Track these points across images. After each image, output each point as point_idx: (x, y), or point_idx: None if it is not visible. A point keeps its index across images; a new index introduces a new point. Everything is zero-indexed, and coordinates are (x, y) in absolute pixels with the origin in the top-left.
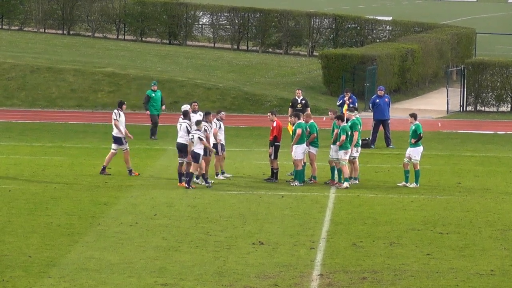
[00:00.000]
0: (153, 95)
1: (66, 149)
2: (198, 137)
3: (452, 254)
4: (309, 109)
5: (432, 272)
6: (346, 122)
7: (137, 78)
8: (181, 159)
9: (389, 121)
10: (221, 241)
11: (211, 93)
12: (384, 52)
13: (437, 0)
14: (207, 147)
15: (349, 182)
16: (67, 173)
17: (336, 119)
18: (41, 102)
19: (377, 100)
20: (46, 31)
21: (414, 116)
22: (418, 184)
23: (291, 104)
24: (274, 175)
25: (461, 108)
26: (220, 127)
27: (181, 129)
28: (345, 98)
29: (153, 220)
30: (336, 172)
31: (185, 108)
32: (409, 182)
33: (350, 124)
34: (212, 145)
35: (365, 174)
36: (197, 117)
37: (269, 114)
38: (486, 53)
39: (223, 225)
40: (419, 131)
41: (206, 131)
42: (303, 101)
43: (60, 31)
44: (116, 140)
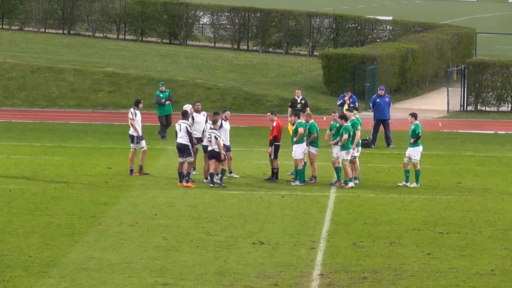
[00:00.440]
0: (161, 95)
1: (66, 149)
2: (215, 136)
3: (453, 254)
4: (308, 108)
5: (432, 272)
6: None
7: (137, 78)
8: (181, 159)
9: (389, 121)
10: (221, 241)
11: (211, 93)
12: (385, 52)
13: (438, 0)
14: (220, 148)
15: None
16: (67, 173)
17: (339, 118)
18: (41, 102)
19: (378, 100)
20: (47, 31)
21: (414, 115)
22: (418, 184)
23: (290, 104)
24: (274, 175)
25: (462, 108)
26: (221, 126)
27: (180, 130)
28: (346, 98)
29: (154, 220)
30: (339, 171)
31: (186, 108)
32: (409, 182)
33: (350, 124)
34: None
35: (365, 174)
36: (200, 117)
37: (269, 114)
38: (486, 53)
39: (224, 225)
40: (418, 130)
41: (217, 139)
42: (302, 101)
43: (61, 31)
44: (130, 138)
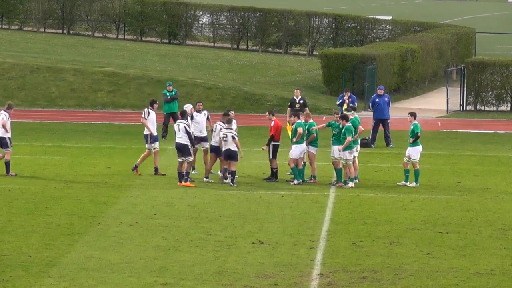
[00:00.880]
0: (168, 94)
1: (66, 149)
2: (232, 135)
3: (452, 253)
4: (307, 108)
5: (432, 271)
6: None
7: (137, 77)
8: (180, 159)
9: (389, 121)
10: (221, 240)
11: (211, 92)
12: (384, 52)
13: (437, 0)
14: (238, 147)
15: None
16: (67, 173)
17: (340, 119)
18: (41, 102)
19: (377, 100)
20: (46, 30)
21: (413, 115)
22: (418, 184)
23: (289, 104)
24: (273, 174)
25: (461, 107)
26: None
27: (179, 130)
28: (345, 98)
29: (153, 219)
30: (339, 172)
31: (186, 108)
32: (409, 182)
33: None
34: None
35: (365, 173)
36: (201, 117)
37: (267, 113)
38: (486, 53)
39: (223, 225)
40: (417, 130)
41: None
42: (301, 101)
43: (60, 31)
44: (144, 138)
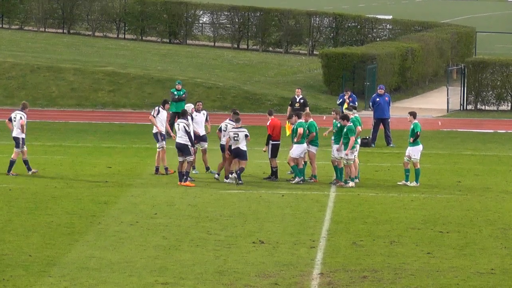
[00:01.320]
0: (176, 93)
1: (66, 148)
2: (245, 134)
3: (453, 253)
4: (308, 108)
5: (432, 271)
6: None
7: (137, 77)
8: (181, 158)
9: (389, 120)
10: (221, 240)
11: (211, 92)
12: (384, 51)
13: None
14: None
15: (354, 182)
16: (67, 172)
17: (341, 119)
18: (41, 101)
19: (378, 99)
20: (46, 30)
21: (413, 114)
22: (418, 183)
23: (290, 103)
24: (274, 173)
25: (461, 107)
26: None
27: (179, 129)
28: (345, 97)
29: (154, 219)
30: (339, 171)
31: (187, 108)
32: (409, 181)
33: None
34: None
35: (365, 173)
36: (200, 116)
37: (267, 114)
38: (486, 52)
39: (224, 224)
40: (416, 129)
41: None
42: (301, 100)
43: (60, 30)
44: (154, 138)
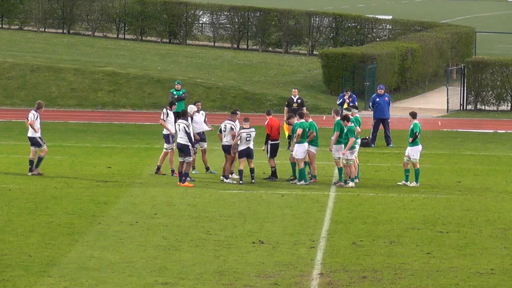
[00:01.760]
0: (175, 93)
1: (66, 148)
2: (255, 134)
3: (452, 253)
4: (305, 108)
5: (432, 271)
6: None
7: (137, 77)
8: (181, 159)
9: (389, 120)
10: (221, 240)
11: (211, 92)
12: (384, 51)
13: None
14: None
15: (354, 182)
16: (67, 172)
17: (342, 120)
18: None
19: (377, 99)
20: (46, 30)
21: (412, 114)
22: (418, 183)
23: (287, 103)
24: (273, 173)
25: (461, 107)
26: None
27: (179, 129)
28: (345, 97)
29: (153, 219)
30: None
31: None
32: (409, 181)
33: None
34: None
35: (365, 173)
36: (199, 116)
37: (265, 114)
38: (486, 52)
39: (223, 224)
40: (415, 130)
41: (232, 130)
42: (298, 100)
43: (60, 30)
44: (164, 138)
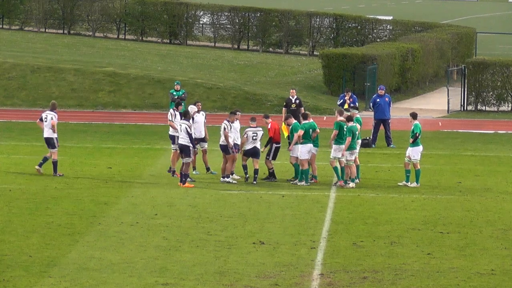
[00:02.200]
0: (175, 93)
1: (66, 149)
2: (262, 133)
3: (453, 253)
4: (303, 108)
5: (432, 271)
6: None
7: (138, 77)
8: (181, 159)
9: (389, 121)
10: (221, 240)
11: (211, 92)
12: (385, 52)
13: (438, 0)
14: (231, 145)
15: (355, 182)
16: (67, 173)
17: (346, 120)
18: (41, 102)
19: (378, 100)
20: (47, 30)
21: (413, 115)
22: (418, 184)
23: (285, 104)
24: (271, 174)
25: (462, 107)
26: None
27: (181, 130)
28: (346, 98)
29: (154, 219)
30: (340, 171)
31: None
32: (409, 182)
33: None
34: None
35: (365, 173)
36: (199, 117)
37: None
38: (486, 53)
39: (224, 225)
40: (416, 130)
41: (224, 130)
42: (297, 101)
43: (61, 31)
44: (170, 139)
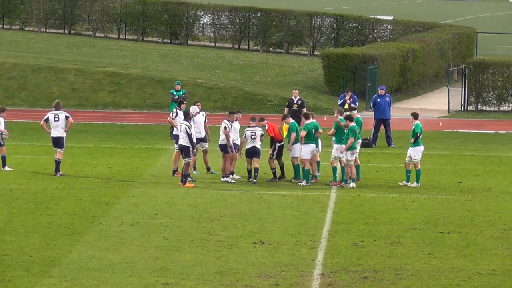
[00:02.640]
0: (175, 94)
1: (67, 149)
2: (261, 133)
3: (453, 253)
4: (305, 109)
5: (433, 271)
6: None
7: (138, 77)
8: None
9: (390, 121)
10: (222, 240)
11: (212, 92)
12: (385, 52)
13: (438, 0)
14: (230, 144)
15: (355, 182)
16: (68, 173)
17: (345, 120)
18: (42, 102)
19: (378, 100)
20: (47, 30)
21: (414, 115)
22: (419, 184)
23: (287, 104)
24: (274, 174)
25: (462, 107)
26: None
27: (181, 130)
28: (346, 98)
29: (154, 219)
30: (339, 171)
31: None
32: (410, 182)
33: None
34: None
35: (366, 173)
36: (199, 117)
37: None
38: (487, 53)
39: (224, 225)
40: (417, 130)
41: (225, 129)
42: (299, 102)
43: (61, 31)
44: (175, 138)
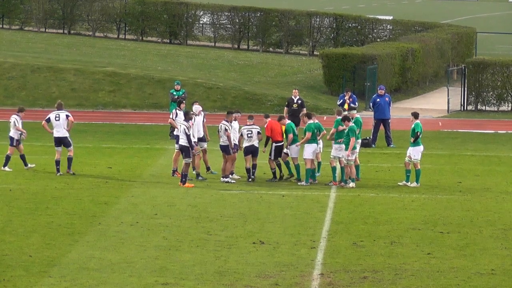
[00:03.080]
0: (175, 93)
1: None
2: (258, 131)
3: (453, 253)
4: (305, 109)
5: (432, 271)
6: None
7: (138, 77)
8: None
9: (389, 121)
10: (221, 240)
11: (211, 92)
12: (385, 52)
13: (438, 0)
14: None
15: (354, 182)
16: (68, 173)
17: (342, 120)
18: (41, 102)
19: (378, 100)
20: (47, 30)
21: (414, 115)
22: (418, 184)
23: (287, 104)
24: (274, 174)
25: (462, 107)
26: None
27: (180, 131)
28: (346, 98)
29: (154, 219)
30: (339, 171)
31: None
32: (410, 182)
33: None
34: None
35: (366, 173)
36: (199, 117)
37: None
38: (486, 52)
39: (224, 225)
40: (417, 129)
41: (226, 131)
42: (299, 101)
43: (61, 31)
44: (175, 137)
